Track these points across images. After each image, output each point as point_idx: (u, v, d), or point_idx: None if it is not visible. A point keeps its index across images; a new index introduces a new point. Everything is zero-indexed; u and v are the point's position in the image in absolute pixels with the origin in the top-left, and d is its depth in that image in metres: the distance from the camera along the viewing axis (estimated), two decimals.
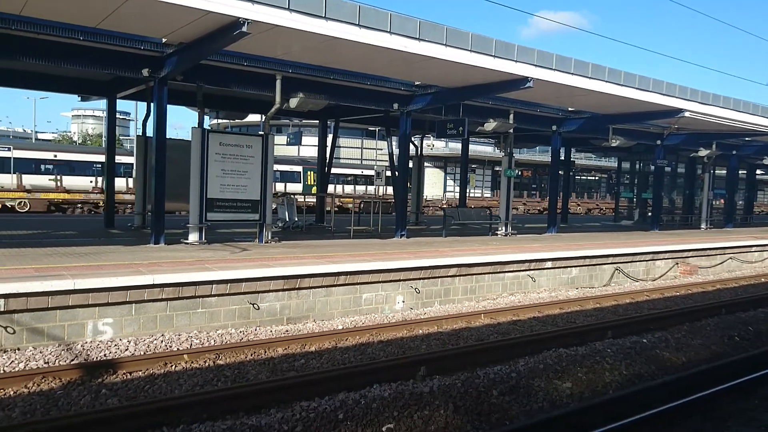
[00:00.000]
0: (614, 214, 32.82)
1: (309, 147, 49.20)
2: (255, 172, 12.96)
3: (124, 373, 6.86)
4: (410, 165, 19.47)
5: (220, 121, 50.00)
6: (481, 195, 52.48)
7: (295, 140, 20.22)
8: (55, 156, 33.65)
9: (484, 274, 12.27)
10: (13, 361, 6.95)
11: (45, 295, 7.43)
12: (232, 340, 8.42)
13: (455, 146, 47.57)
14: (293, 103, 13.01)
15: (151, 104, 13.70)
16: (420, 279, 11.23)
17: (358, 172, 46.16)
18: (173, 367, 7.17)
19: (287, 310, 9.63)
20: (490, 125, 16.60)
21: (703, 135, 22.07)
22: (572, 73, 13.48)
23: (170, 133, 14.63)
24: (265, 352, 7.90)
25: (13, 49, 10.55)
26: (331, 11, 9.79)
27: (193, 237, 12.33)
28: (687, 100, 16.52)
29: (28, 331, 7.45)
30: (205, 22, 9.62)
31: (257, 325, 9.24)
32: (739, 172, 31.82)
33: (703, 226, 25.79)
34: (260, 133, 13.31)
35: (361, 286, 10.43)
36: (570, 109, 18.74)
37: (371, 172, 37.22)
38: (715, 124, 18.76)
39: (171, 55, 11.48)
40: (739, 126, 19.04)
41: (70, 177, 32.33)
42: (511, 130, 17.67)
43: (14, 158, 31.61)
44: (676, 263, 16.86)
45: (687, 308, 11.75)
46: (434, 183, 54.24)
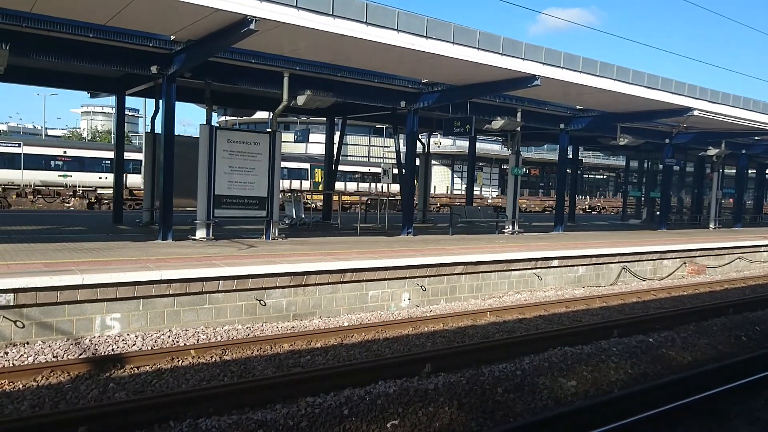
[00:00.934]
0: (622, 212, 32.68)
1: (316, 144, 49.27)
2: (262, 169, 13.01)
3: (132, 368, 6.93)
4: (417, 163, 19.47)
5: (228, 119, 50.20)
6: (480, 192, 52.26)
7: (303, 137, 20.25)
8: (65, 152, 33.89)
9: (491, 272, 12.26)
10: (22, 355, 7.03)
11: (54, 290, 7.51)
12: (239, 336, 8.47)
13: (463, 144, 47.48)
14: (300, 100, 13.04)
15: (160, 101, 13.79)
16: (426, 276, 11.25)
17: (365, 169, 46.21)
18: (180, 362, 7.23)
19: (293, 307, 9.67)
20: (498, 123, 16.58)
21: (712, 134, 21.94)
22: (580, 71, 13.44)
23: (178, 130, 14.86)
24: (271, 348, 7.95)
25: (24, 47, 10.63)
26: (338, 9, 9.81)
27: (201, 233, 12.40)
28: (696, 98, 16.43)
29: (37, 325, 7.53)
30: (214, 20, 9.67)
31: (264, 322, 9.29)
32: (749, 172, 31.60)
33: (712, 226, 25.65)
34: (268, 130, 13.36)
35: (368, 283, 10.46)
36: (578, 108, 18.68)
37: (378, 170, 37.26)
38: (725, 123, 18.65)
39: (179, 52, 11.55)
40: (748, 125, 18.92)
41: (80, 173, 32.58)
42: (519, 129, 17.64)
43: (24, 154, 31.86)
44: (684, 263, 16.78)
45: (694, 308, 11.71)
46: (441, 181, 54.19)
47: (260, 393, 6.14)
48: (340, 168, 22.72)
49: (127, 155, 21.93)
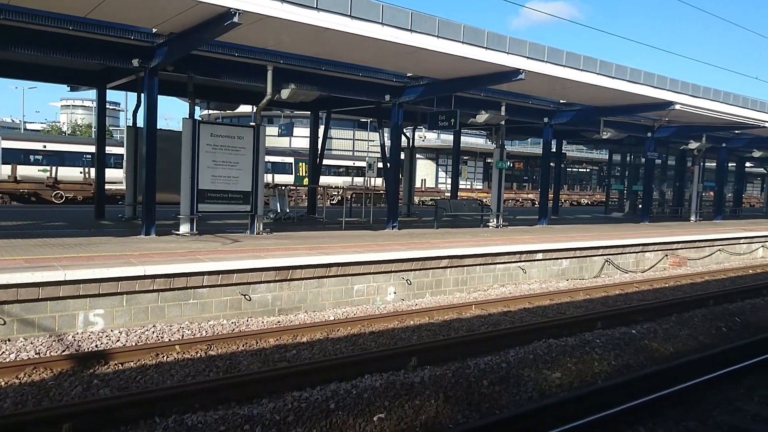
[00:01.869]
0: (605, 205, 32.99)
1: (300, 138, 49.05)
2: (246, 163, 12.93)
3: (116, 364, 6.87)
4: (402, 156, 19.47)
5: (211, 112, 49.69)
6: (471, 186, 52.48)
7: (287, 131, 20.17)
8: (45, 147, 33.35)
9: (476, 265, 12.33)
10: (3, 352, 6.95)
11: (35, 286, 7.42)
12: (224, 331, 8.44)
13: (447, 138, 47.54)
14: (285, 94, 12.98)
15: (142, 95, 13.62)
16: (411, 270, 11.27)
17: (349, 163, 46.09)
18: (165, 357, 7.19)
19: (279, 301, 9.65)
20: (482, 117, 16.64)
21: (694, 127, 22.19)
22: (564, 66, 13.50)
23: (160, 124, 14.68)
24: (257, 343, 7.93)
25: (2, 39, 10.44)
26: (322, 2, 9.74)
27: (185, 228, 12.31)
28: (677, 92, 16.59)
29: (19, 322, 7.44)
30: (196, 12, 9.56)
31: (249, 316, 9.27)
32: (729, 165, 32.03)
33: (693, 219, 26.00)
34: (251, 124, 13.27)
35: (353, 277, 10.47)
36: (562, 102, 18.79)
37: (363, 164, 37.19)
38: (705, 117, 18.86)
39: (161, 45, 11.41)
40: (728, 119, 19.16)
41: (61, 168, 32.10)
42: (503, 122, 17.71)
43: (2, 148, 31.31)
44: (666, 255, 17.00)
45: (676, 299, 11.87)
46: (426, 174, 54.24)
47: (246, 388, 6.13)
48: (325, 162, 22.63)
49: (108, 149, 21.63)
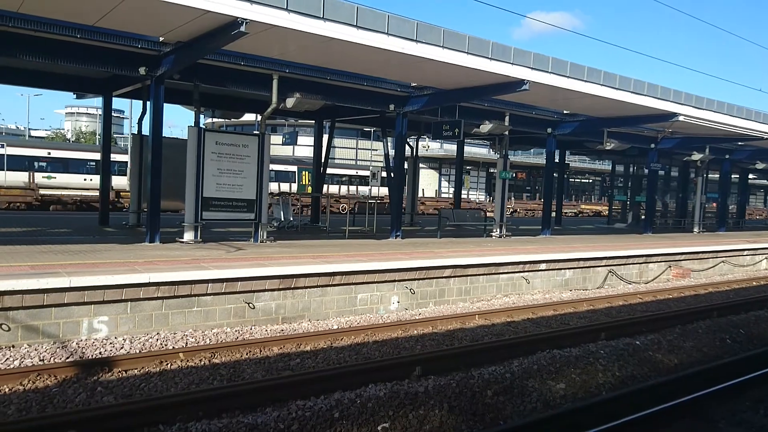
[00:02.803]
0: (608, 216, 32.95)
1: (304, 147, 49.18)
2: (251, 171, 12.97)
3: (120, 371, 6.87)
4: (405, 166, 19.51)
5: (215, 120, 49.89)
6: (467, 196, 52.46)
7: (291, 140, 20.24)
8: (49, 153, 33.51)
9: (479, 275, 12.32)
10: (8, 359, 6.95)
11: (40, 293, 7.43)
12: (228, 339, 8.44)
13: (450, 147, 47.67)
14: (290, 103, 13.04)
15: (147, 102, 13.70)
16: (415, 279, 11.27)
17: (353, 172, 46.18)
18: (169, 365, 7.18)
19: (282, 310, 9.65)
20: (486, 127, 16.67)
21: (697, 139, 22.22)
22: (568, 77, 13.55)
23: (164, 132, 14.62)
24: (261, 351, 7.93)
25: (11, 47, 10.53)
26: (328, 12, 9.82)
27: (189, 236, 12.33)
28: (681, 104, 16.62)
29: (23, 328, 7.45)
30: (204, 22, 9.64)
31: (253, 325, 9.26)
32: (732, 176, 32.02)
33: (696, 230, 25.95)
34: (256, 132, 13.33)
35: (357, 286, 10.46)
36: (565, 112, 18.82)
37: (366, 173, 37.26)
38: (709, 128, 18.88)
39: (168, 53, 11.49)
40: (732, 130, 19.18)
41: (64, 175, 32.25)
42: (507, 133, 17.74)
43: (7, 155, 31.46)
44: (669, 266, 16.96)
45: (679, 311, 11.84)
46: (429, 184, 54.31)
47: (250, 396, 6.11)
48: (328, 171, 22.68)
49: (112, 157, 21.73)
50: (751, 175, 37.48)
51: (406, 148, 18.72)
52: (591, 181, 71.10)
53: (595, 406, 6.16)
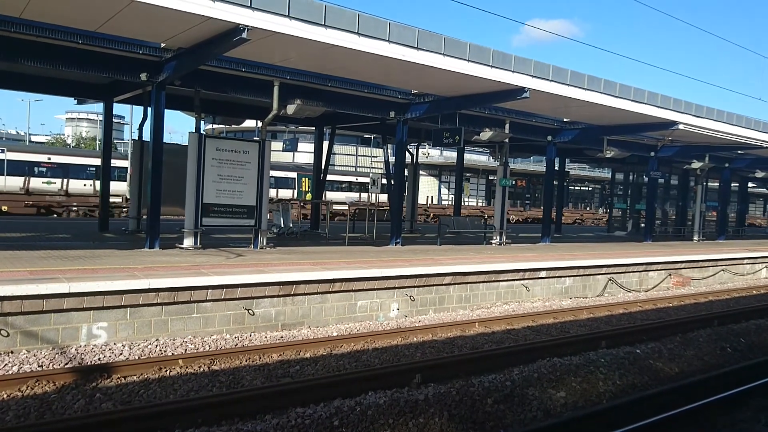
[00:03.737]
0: (608, 224, 32.96)
1: (304, 153, 49.20)
2: (251, 177, 12.97)
3: (119, 378, 6.84)
4: (405, 173, 19.52)
5: (216, 126, 49.96)
6: (476, 203, 52.55)
7: (291, 147, 20.23)
8: (49, 159, 33.50)
9: (479, 282, 12.30)
10: (6, 364, 6.91)
11: (40, 298, 7.41)
12: (227, 346, 8.41)
13: (450, 155, 47.68)
14: (290, 109, 13.05)
15: (148, 108, 13.72)
16: (415, 287, 11.25)
17: (352, 179, 46.19)
18: (168, 372, 7.15)
19: (282, 316, 9.62)
20: (486, 135, 16.70)
21: (697, 147, 22.25)
22: (568, 84, 13.58)
23: (165, 138, 14.60)
24: (260, 358, 7.90)
25: (13, 52, 10.56)
26: (330, 19, 9.84)
27: (189, 242, 12.31)
28: (681, 112, 16.65)
29: (22, 334, 7.42)
30: (205, 28, 9.66)
31: (252, 331, 9.23)
32: (732, 185, 32.06)
33: (696, 238, 25.94)
34: (257, 138, 13.34)
35: (356, 293, 10.44)
36: (565, 120, 18.86)
37: (366, 180, 37.27)
38: (709, 137, 18.92)
39: (169, 59, 11.51)
40: (732, 139, 19.21)
41: (64, 180, 32.23)
42: (507, 140, 17.77)
43: (7, 160, 31.45)
44: (669, 274, 16.94)
45: (680, 319, 11.81)
46: (429, 191, 54.34)
47: (250, 403, 6.08)
48: (328, 177, 22.70)
49: (112, 162, 21.74)
50: (750, 184, 37.53)
51: (407, 155, 18.75)
52: (591, 189, 71.13)
53: (596, 415, 6.13)
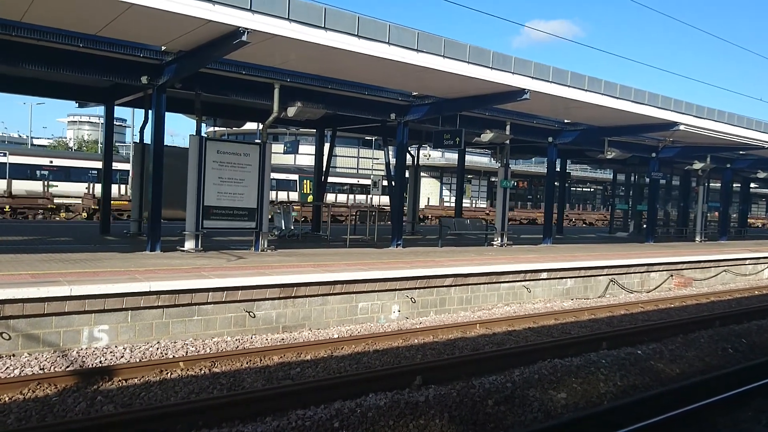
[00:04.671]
0: (609, 225, 32.94)
1: (305, 156, 49.25)
2: (252, 180, 12.99)
3: (120, 380, 6.85)
4: (407, 174, 19.54)
5: (217, 129, 50.05)
6: (472, 205, 52.46)
7: (292, 149, 20.24)
8: (51, 162, 33.59)
9: (480, 284, 12.30)
10: (8, 367, 6.93)
11: (41, 302, 7.42)
12: (228, 348, 8.41)
13: (452, 156, 47.69)
14: (291, 111, 13.07)
15: (149, 111, 13.75)
16: (416, 288, 11.25)
17: (354, 181, 46.25)
18: (169, 374, 7.16)
19: (283, 319, 9.63)
20: (487, 136, 16.70)
21: (698, 148, 22.24)
22: (569, 86, 13.59)
23: (166, 140, 14.69)
24: (261, 361, 7.90)
25: (13, 55, 10.59)
26: (330, 22, 9.87)
27: (190, 244, 12.33)
28: (682, 113, 16.65)
29: (24, 337, 7.43)
30: (205, 31, 9.69)
31: (253, 334, 9.24)
32: (734, 186, 32.02)
33: (698, 239, 25.91)
34: (257, 141, 13.36)
35: (357, 295, 10.44)
36: (566, 121, 18.86)
37: (367, 182, 37.32)
38: (710, 138, 18.92)
39: (170, 62, 11.54)
40: (733, 140, 19.20)
41: (66, 183, 32.32)
42: (508, 142, 17.78)
43: (9, 164, 31.55)
44: (671, 275, 16.92)
45: (681, 320, 11.79)
46: (430, 193, 54.33)
47: (250, 406, 6.09)
48: (329, 179, 22.74)
49: (114, 165, 21.80)
50: (752, 184, 37.48)
51: (407, 156, 18.76)
52: (593, 190, 71.09)
53: (597, 416, 6.13)
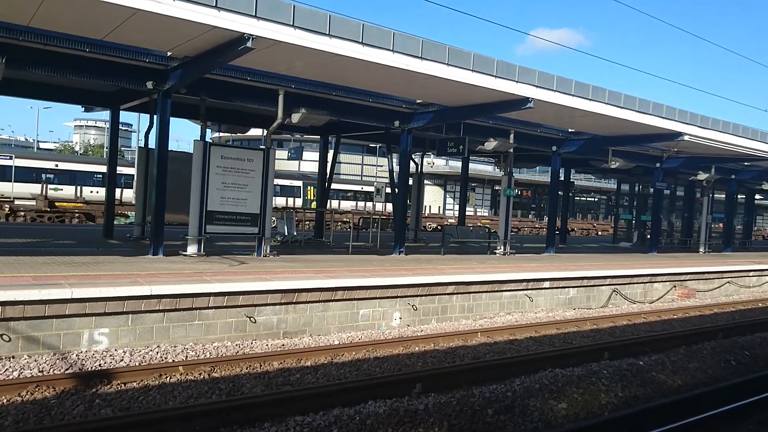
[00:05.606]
0: (613, 235, 32.85)
1: (309, 162, 49.32)
2: (255, 185, 13.01)
3: (119, 384, 6.84)
4: (410, 182, 19.54)
5: (221, 135, 50.23)
6: (474, 213, 52.44)
7: (296, 155, 20.26)
8: (57, 165, 33.75)
9: (482, 292, 12.26)
10: (7, 369, 6.93)
11: (42, 304, 7.43)
12: (228, 353, 8.40)
13: (455, 164, 47.68)
14: (295, 118, 13.10)
15: (154, 116, 13.80)
16: (417, 296, 11.22)
17: (357, 188, 46.29)
18: (168, 378, 7.15)
19: (284, 324, 9.61)
20: (491, 144, 16.70)
21: (703, 159, 22.18)
22: (573, 95, 13.59)
23: (170, 145, 14.72)
24: (261, 366, 7.88)
25: (20, 60, 10.64)
26: (334, 29, 9.91)
27: (192, 249, 12.34)
28: (686, 123, 16.63)
29: (24, 339, 7.44)
30: (211, 37, 9.73)
31: (254, 339, 9.22)
32: (738, 197, 31.91)
33: (702, 250, 25.80)
34: (261, 147, 13.38)
35: (359, 301, 10.42)
36: (570, 130, 18.85)
37: (371, 189, 37.33)
38: (715, 148, 18.87)
39: (175, 68, 11.59)
40: (738, 150, 19.15)
41: (71, 187, 32.44)
42: (511, 150, 17.77)
43: (15, 167, 31.71)
44: (674, 286, 16.84)
45: (684, 331, 11.72)
46: (434, 200, 54.34)
47: (249, 411, 6.06)
48: (333, 186, 22.76)
49: (119, 170, 21.88)
50: (757, 196, 37.35)
51: (411, 164, 18.77)
52: (596, 200, 70.99)
53: (598, 427, 6.08)
